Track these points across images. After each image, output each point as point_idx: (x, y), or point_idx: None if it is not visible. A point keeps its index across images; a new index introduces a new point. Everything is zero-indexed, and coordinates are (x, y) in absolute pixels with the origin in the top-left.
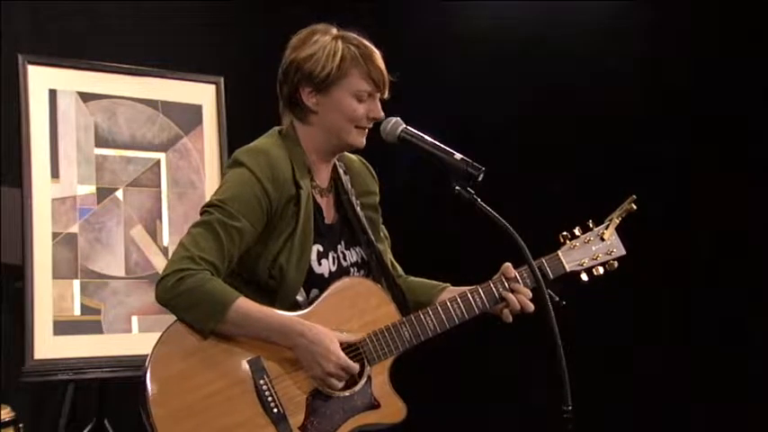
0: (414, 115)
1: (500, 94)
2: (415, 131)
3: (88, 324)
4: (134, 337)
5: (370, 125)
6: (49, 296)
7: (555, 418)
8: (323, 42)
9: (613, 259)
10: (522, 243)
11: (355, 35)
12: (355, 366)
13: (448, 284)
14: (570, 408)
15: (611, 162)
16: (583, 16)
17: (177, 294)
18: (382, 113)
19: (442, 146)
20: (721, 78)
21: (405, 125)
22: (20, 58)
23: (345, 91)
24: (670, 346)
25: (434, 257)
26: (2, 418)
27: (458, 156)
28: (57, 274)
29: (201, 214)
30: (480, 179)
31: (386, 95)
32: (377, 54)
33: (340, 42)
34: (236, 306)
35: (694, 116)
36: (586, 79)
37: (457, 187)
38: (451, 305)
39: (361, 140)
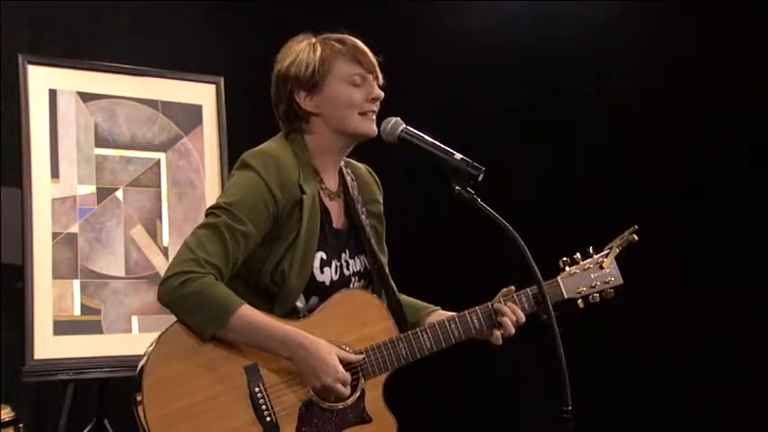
0: (414, 115)
1: (500, 93)
2: (415, 131)
3: (88, 324)
4: (134, 337)
5: (374, 107)
6: (49, 296)
7: (555, 418)
8: (300, 47)
9: (611, 288)
10: (522, 243)
11: (332, 33)
12: (349, 379)
13: (438, 307)
14: (570, 408)
15: (611, 162)
16: (583, 16)
17: (181, 296)
18: (381, 93)
19: (442, 146)
20: (722, 78)
21: (405, 125)
22: (20, 58)
23: (337, 80)
24: (670, 345)
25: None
26: (2, 418)
27: (458, 156)
28: (57, 274)
29: (207, 216)
30: (480, 179)
31: (380, 80)
32: (357, 41)
33: (317, 43)
34: (239, 313)
35: (695, 116)
36: (586, 79)
37: (457, 187)
38: (449, 325)
39: (371, 127)
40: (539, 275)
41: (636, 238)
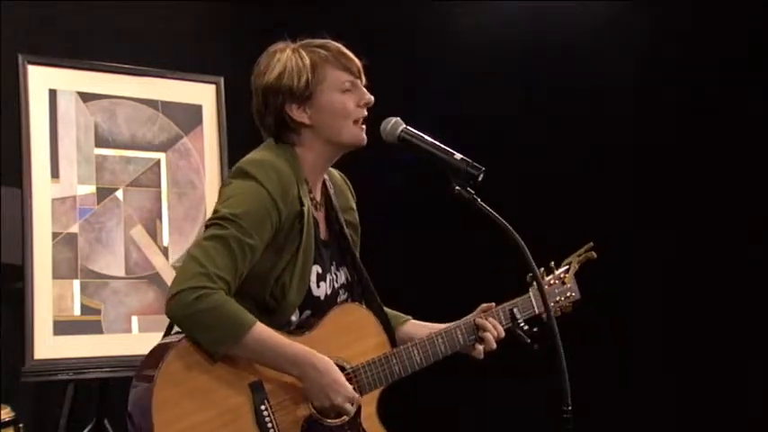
0: (414, 115)
1: (500, 94)
2: (415, 131)
3: (88, 324)
4: (134, 337)
5: (365, 113)
6: (49, 296)
7: (555, 418)
8: (287, 57)
9: (570, 302)
10: (522, 243)
11: (312, 39)
12: (360, 399)
13: (410, 317)
14: (570, 408)
15: (610, 161)
16: (583, 16)
17: (194, 312)
18: (371, 97)
19: (442, 146)
20: (722, 79)
21: (405, 125)
22: (20, 58)
23: (329, 90)
24: (669, 345)
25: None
26: (2, 418)
27: (458, 156)
28: (57, 274)
29: (211, 226)
30: (480, 179)
31: (364, 81)
32: (341, 46)
33: (303, 50)
34: (253, 332)
35: (695, 115)
36: (586, 79)
37: (457, 187)
38: (437, 340)
39: (362, 136)
40: (539, 275)
41: (594, 255)
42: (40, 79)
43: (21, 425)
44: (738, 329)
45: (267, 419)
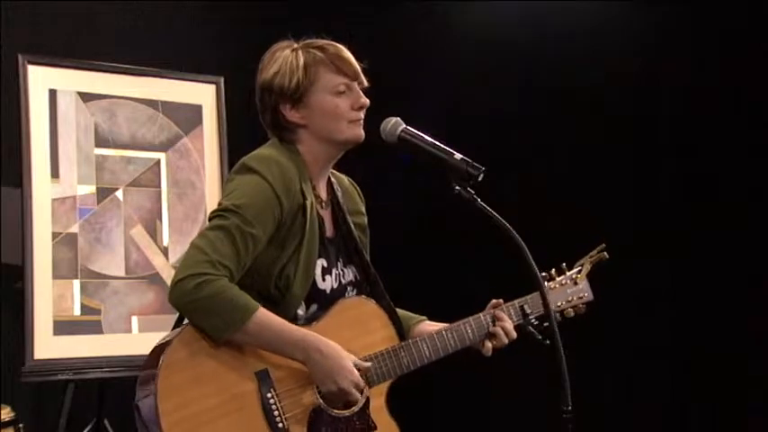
0: (414, 115)
1: (500, 93)
2: (415, 131)
3: (88, 324)
4: (134, 337)
5: (361, 115)
6: (49, 296)
7: (555, 418)
8: (284, 57)
9: (583, 303)
10: (522, 243)
11: (315, 39)
12: (367, 386)
13: (425, 317)
14: (570, 408)
15: (610, 161)
16: (583, 16)
17: (197, 299)
18: (367, 100)
19: (442, 146)
20: (723, 79)
21: (405, 125)
22: (20, 58)
23: (321, 92)
24: (670, 345)
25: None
26: (2, 418)
27: (458, 156)
28: (57, 274)
29: (214, 218)
30: (480, 179)
31: (365, 84)
32: (340, 47)
33: (300, 51)
34: (257, 317)
35: (694, 116)
36: (586, 80)
37: (457, 187)
38: (446, 335)
39: (359, 132)
40: (539, 276)
41: (606, 256)
42: (40, 79)
43: (21, 425)
44: (740, 328)
45: (274, 408)
